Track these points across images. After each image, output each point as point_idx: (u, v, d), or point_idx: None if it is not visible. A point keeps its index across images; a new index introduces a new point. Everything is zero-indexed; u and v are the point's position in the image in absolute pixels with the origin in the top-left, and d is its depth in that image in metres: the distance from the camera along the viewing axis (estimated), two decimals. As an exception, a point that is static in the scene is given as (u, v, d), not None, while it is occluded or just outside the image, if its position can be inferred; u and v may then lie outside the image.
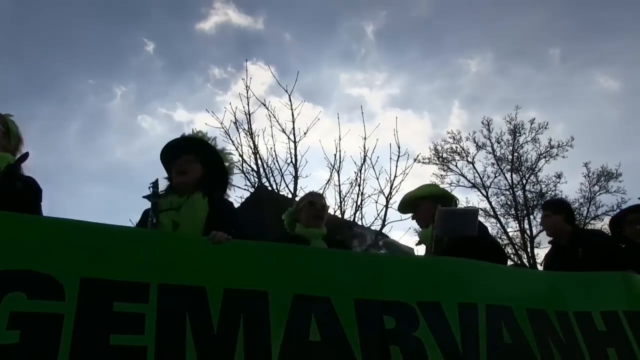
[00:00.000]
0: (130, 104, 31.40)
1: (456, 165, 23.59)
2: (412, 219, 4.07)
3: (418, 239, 3.96)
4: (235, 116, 12.22)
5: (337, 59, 34.16)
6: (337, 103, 31.83)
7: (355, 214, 12.02)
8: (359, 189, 12.18)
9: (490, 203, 22.84)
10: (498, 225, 22.21)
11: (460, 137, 23.63)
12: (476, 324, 2.56)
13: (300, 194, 11.98)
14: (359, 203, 12.14)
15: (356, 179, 12.20)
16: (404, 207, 4.30)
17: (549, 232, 4.57)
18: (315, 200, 3.50)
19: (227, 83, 31.41)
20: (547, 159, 22.71)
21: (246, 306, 2.14)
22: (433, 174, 23.54)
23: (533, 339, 2.70)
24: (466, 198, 23.54)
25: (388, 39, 33.42)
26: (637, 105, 33.21)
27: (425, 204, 3.92)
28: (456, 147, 23.54)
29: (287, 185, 12.06)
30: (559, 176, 22.30)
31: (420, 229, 4.01)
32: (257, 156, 12.20)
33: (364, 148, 12.17)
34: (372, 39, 32.50)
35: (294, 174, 11.99)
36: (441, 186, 4.78)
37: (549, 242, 5.31)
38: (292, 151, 12.04)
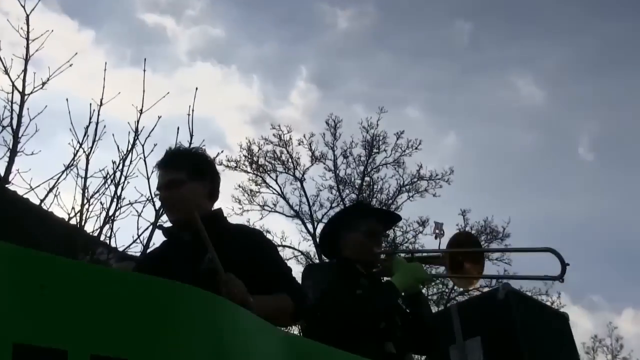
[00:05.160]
0: None
1: (276, 180, 16.08)
2: None
3: None
4: None
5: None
6: (117, 27, 22.03)
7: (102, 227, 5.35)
8: (115, 189, 5.92)
9: (316, 245, 13.52)
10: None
11: (290, 140, 16.05)
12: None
13: (17, 178, 5.52)
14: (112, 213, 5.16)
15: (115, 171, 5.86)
16: None
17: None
18: None
19: None
20: (411, 193, 15.79)
21: None
22: (239, 185, 15.76)
23: None
24: (282, 231, 17.45)
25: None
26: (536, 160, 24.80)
27: None
28: (281, 153, 15.92)
29: None
30: (422, 223, 15.26)
31: None
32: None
33: (137, 123, 5.89)
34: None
35: (11, 145, 4.86)
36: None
37: None
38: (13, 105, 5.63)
